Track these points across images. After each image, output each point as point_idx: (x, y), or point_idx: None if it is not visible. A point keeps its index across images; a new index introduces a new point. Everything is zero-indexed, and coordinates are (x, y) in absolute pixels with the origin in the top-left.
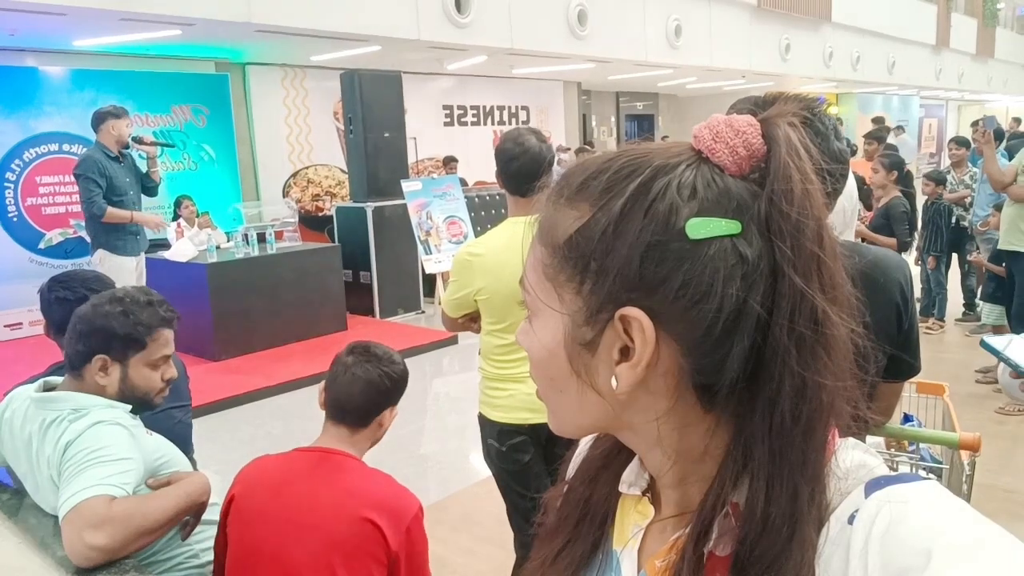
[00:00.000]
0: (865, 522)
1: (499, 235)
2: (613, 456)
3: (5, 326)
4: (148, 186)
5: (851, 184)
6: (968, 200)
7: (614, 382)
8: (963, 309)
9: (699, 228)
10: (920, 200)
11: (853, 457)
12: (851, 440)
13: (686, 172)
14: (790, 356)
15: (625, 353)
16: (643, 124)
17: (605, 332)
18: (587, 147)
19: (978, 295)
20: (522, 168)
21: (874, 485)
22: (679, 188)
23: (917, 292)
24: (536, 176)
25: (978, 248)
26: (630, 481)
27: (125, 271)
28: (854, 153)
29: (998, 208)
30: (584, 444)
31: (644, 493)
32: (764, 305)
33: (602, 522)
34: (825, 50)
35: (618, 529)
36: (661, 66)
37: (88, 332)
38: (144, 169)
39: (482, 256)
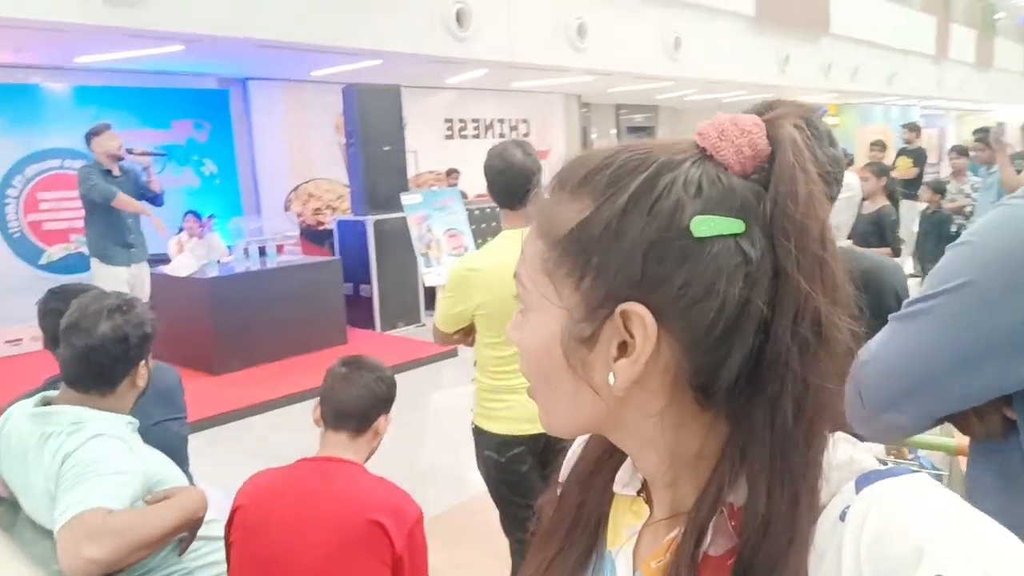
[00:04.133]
0: (856, 519)
1: (496, 249)
2: (605, 459)
3: (6, 342)
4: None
5: (856, 191)
6: (968, 210)
7: (611, 378)
8: None
9: (703, 226)
10: (920, 208)
11: (843, 452)
12: (840, 434)
13: (691, 169)
14: (792, 357)
15: (623, 349)
16: (643, 136)
17: (604, 327)
18: None
19: None
20: (510, 181)
21: (864, 480)
22: (684, 185)
23: None
24: (523, 187)
25: None
26: (624, 481)
27: (118, 280)
28: (850, 162)
29: None
30: (577, 446)
31: (639, 493)
32: (767, 306)
33: (596, 526)
34: (824, 61)
35: (612, 530)
36: (660, 78)
37: (132, 345)
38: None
39: (481, 271)
